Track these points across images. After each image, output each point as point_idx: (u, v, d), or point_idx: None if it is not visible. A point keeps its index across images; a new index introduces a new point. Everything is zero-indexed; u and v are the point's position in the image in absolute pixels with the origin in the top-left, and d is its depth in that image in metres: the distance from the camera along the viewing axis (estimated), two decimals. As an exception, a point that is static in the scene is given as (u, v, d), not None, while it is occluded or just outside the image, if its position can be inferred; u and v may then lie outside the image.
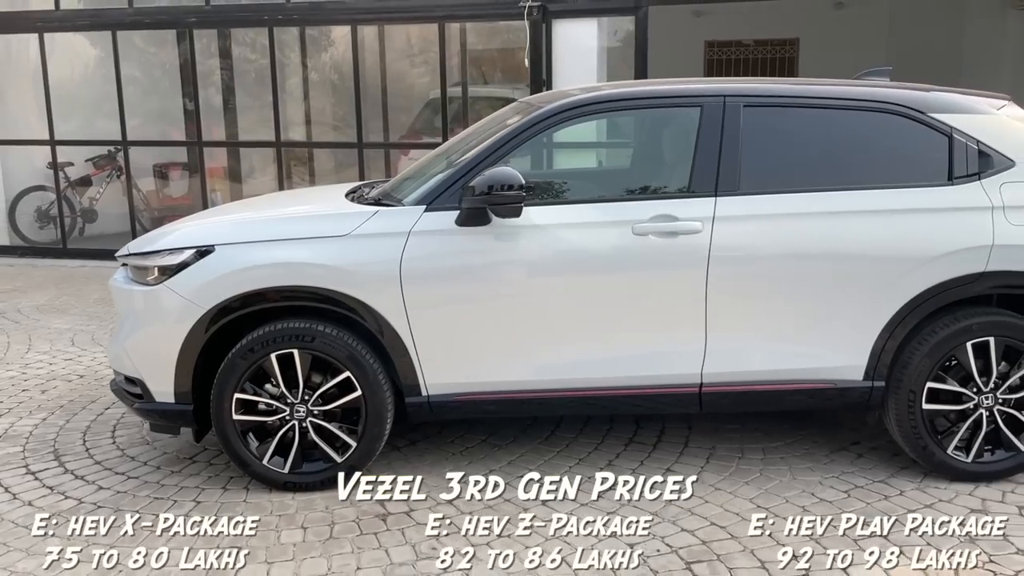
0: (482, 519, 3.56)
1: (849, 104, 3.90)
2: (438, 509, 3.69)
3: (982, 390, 3.78)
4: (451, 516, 3.62)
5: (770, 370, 3.81)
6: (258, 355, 3.73)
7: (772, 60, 13.49)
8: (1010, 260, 3.69)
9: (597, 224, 3.77)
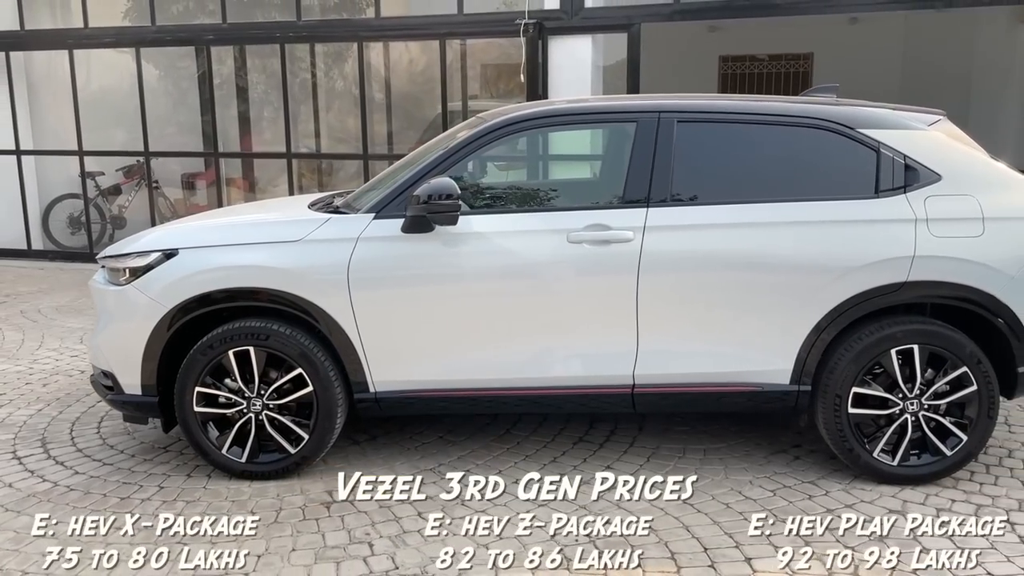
0: (418, 508, 3.80)
1: (780, 120, 4.06)
2: (382, 501, 3.92)
3: (907, 396, 3.91)
4: (390, 505, 3.86)
5: (699, 372, 3.98)
6: (217, 351, 4.00)
7: (786, 75, 13.56)
8: (931, 270, 3.82)
9: (534, 232, 3.99)
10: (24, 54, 10.21)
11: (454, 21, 8.40)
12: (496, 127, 4.09)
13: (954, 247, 3.82)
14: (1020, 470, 4.16)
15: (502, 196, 4.42)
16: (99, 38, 9.55)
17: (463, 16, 8.37)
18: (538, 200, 4.53)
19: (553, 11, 8.03)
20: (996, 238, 3.83)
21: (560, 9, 8.00)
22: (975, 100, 11.42)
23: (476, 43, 9.13)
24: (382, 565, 3.37)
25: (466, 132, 4.20)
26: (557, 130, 4.48)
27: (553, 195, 4.61)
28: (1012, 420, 4.81)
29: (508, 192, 4.52)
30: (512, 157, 4.67)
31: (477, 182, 4.35)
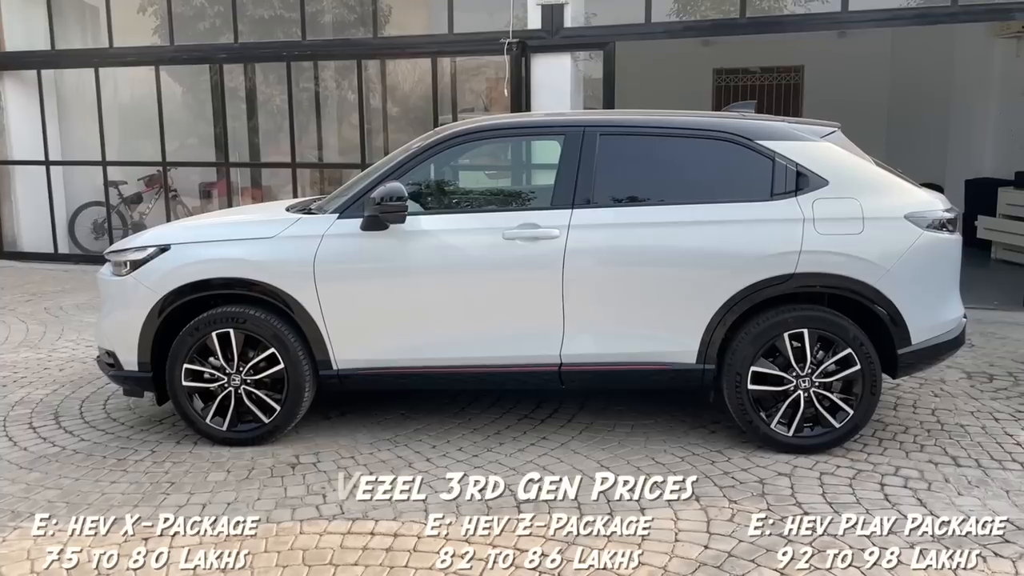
0: (371, 470, 4.41)
1: (689, 132, 4.64)
2: (341, 463, 4.53)
3: (800, 374, 4.45)
4: (348, 467, 4.47)
5: (617, 353, 4.55)
6: (202, 333, 4.64)
7: (778, 86, 14.06)
8: (815, 264, 4.37)
9: (475, 230, 4.59)
10: (55, 72, 11.02)
11: (444, 40, 9.04)
12: (444, 139, 4.71)
13: (836, 243, 4.37)
14: (909, 443, 4.68)
15: (449, 199, 5.03)
16: (123, 57, 10.32)
17: (453, 36, 9.00)
18: (480, 203, 5.13)
19: (535, 31, 8.63)
20: (874, 235, 4.38)
21: (542, 29, 8.60)
22: (954, 110, 11.86)
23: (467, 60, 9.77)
24: (330, 511, 3.97)
25: (420, 143, 4.82)
26: (497, 142, 5.08)
27: (494, 198, 5.21)
28: (920, 404, 5.33)
29: (455, 195, 5.13)
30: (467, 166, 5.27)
31: (428, 186, 4.95)
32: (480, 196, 5.17)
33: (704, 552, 3.53)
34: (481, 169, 5.42)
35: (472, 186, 5.27)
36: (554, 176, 4.63)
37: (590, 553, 3.52)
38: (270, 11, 10.50)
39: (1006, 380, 5.79)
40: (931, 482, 4.17)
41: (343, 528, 3.79)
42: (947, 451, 4.56)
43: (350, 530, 3.77)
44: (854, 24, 8.17)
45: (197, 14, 10.51)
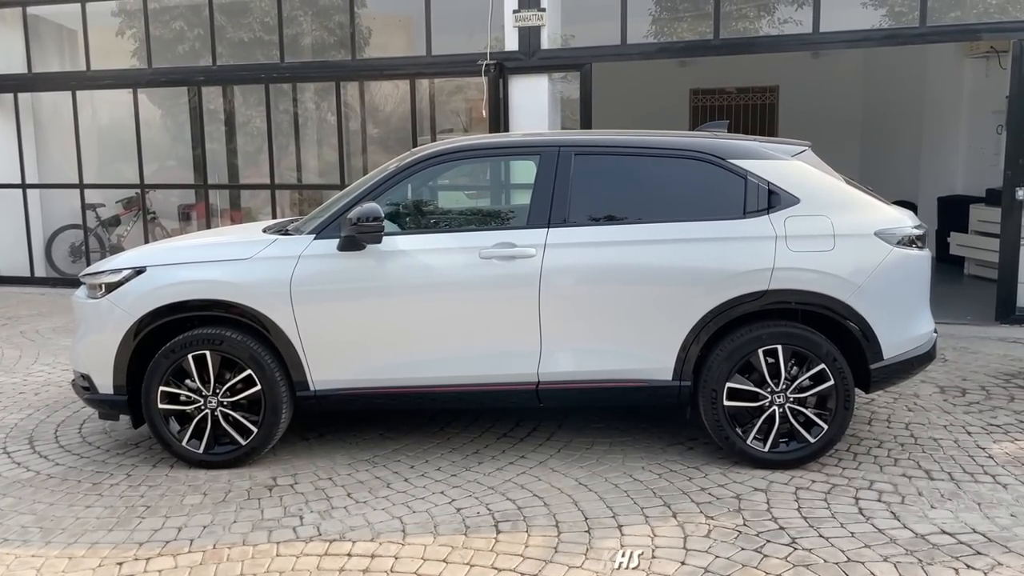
0: (348, 490, 4.41)
1: (663, 152, 4.70)
2: (319, 484, 4.51)
3: (775, 390, 4.49)
4: (324, 488, 4.45)
5: (593, 370, 4.58)
6: (178, 355, 4.62)
7: (754, 106, 14.23)
8: (788, 280, 4.43)
9: (452, 250, 4.62)
10: (32, 95, 10.98)
11: (422, 62, 9.10)
12: (420, 159, 4.74)
13: (808, 260, 4.42)
14: (884, 457, 4.72)
15: (427, 219, 5.06)
16: (100, 80, 10.30)
17: (431, 57, 9.06)
18: (457, 222, 5.16)
19: (512, 52, 8.71)
20: (845, 252, 4.44)
21: (519, 51, 8.68)
22: (927, 128, 12.04)
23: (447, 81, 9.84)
24: (307, 532, 3.96)
25: (396, 163, 4.85)
26: (473, 162, 5.12)
27: (471, 218, 5.24)
28: (894, 418, 5.38)
29: (432, 215, 5.17)
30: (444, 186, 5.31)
31: (406, 206, 4.98)
32: (457, 216, 5.21)
33: (681, 569, 3.54)
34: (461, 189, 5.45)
35: (449, 206, 5.30)
36: (530, 196, 4.66)
37: (567, 572, 3.53)
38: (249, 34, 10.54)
39: (978, 394, 5.86)
40: (904, 496, 4.21)
41: (320, 550, 3.78)
42: (920, 465, 4.60)
43: (327, 552, 3.76)
44: (825, 45, 8.30)
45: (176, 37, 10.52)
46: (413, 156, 4.80)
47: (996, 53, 10.52)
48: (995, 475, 4.45)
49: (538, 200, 4.63)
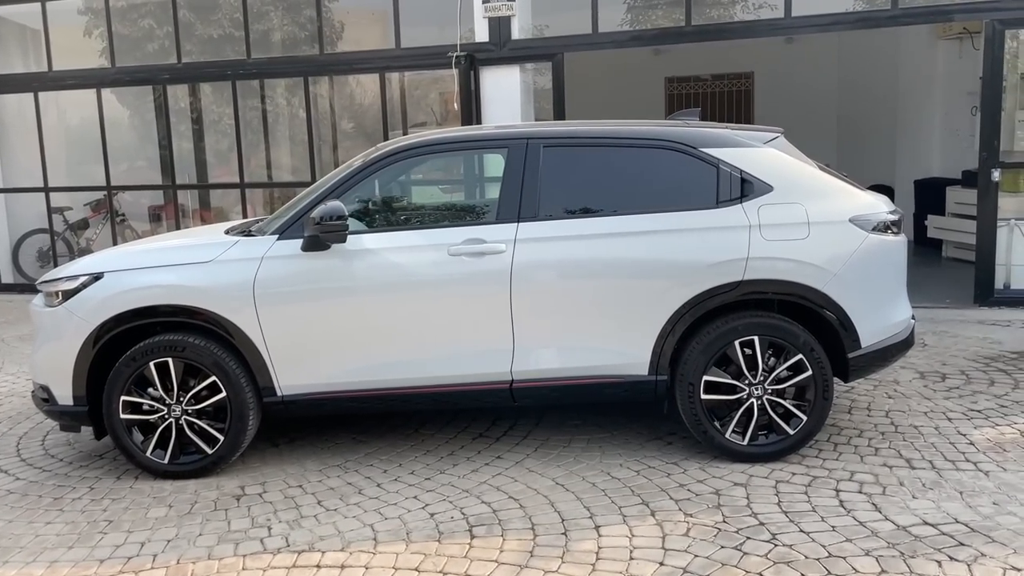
0: (319, 498, 4.28)
1: (633, 142, 4.59)
2: (288, 493, 4.39)
3: (752, 382, 4.40)
4: (294, 496, 4.33)
5: (568, 367, 4.47)
6: (139, 363, 4.48)
7: (729, 93, 14.15)
8: (762, 270, 4.34)
9: (420, 247, 4.49)
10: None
11: (391, 55, 8.95)
12: (384, 155, 4.61)
13: (782, 249, 4.33)
14: (864, 447, 4.65)
15: (394, 216, 4.93)
16: (63, 80, 10.07)
17: (400, 50, 8.91)
18: (425, 219, 5.03)
19: (483, 43, 8.57)
20: (820, 240, 4.35)
21: (489, 41, 8.54)
22: (902, 112, 12.01)
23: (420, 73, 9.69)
24: (275, 544, 3.83)
25: (361, 160, 4.71)
26: (439, 157, 4.99)
27: (439, 214, 5.11)
28: (874, 406, 5.31)
29: (399, 212, 5.04)
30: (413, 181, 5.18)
31: (371, 204, 4.84)
32: (425, 212, 5.08)
33: (659, 569, 3.45)
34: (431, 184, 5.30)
35: (417, 202, 5.16)
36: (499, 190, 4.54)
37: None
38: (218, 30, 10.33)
39: (958, 379, 5.81)
40: (886, 486, 4.14)
41: (288, 561, 3.65)
42: (901, 453, 4.53)
43: (295, 563, 3.64)
44: (798, 30, 8.22)
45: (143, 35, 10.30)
46: (377, 152, 4.67)
47: (969, 34, 10.48)
48: (976, 462, 4.39)
49: (507, 194, 4.51)
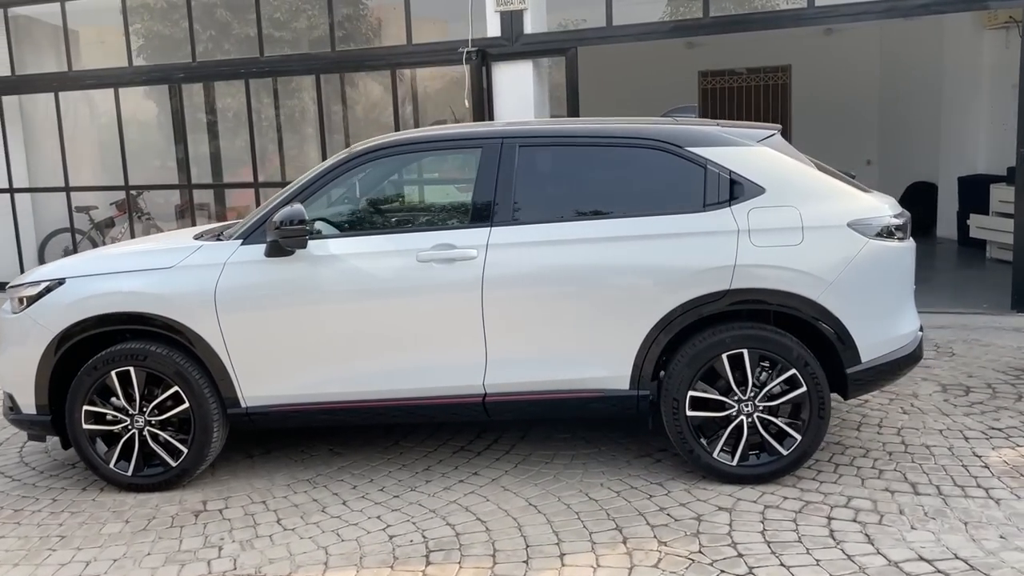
0: (279, 516, 4.09)
1: (614, 141, 4.30)
2: (250, 509, 4.20)
3: (742, 398, 4.09)
4: (254, 513, 4.14)
5: (544, 380, 4.20)
6: (101, 372, 4.33)
7: (765, 87, 13.68)
8: (751, 278, 4.01)
9: (387, 253, 4.26)
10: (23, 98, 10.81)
11: (403, 52, 8.75)
12: (352, 156, 4.39)
13: (773, 256, 4.00)
14: (867, 469, 4.30)
15: (362, 220, 4.71)
16: (81, 80, 10.08)
17: (411, 47, 8.70)
18: (394, 223, 4.79)
19: (495, 38, 8.32)
20: (814, 246, 4.01)
21: (501, 36, 8.29)
22: (946, 105, 11.43)
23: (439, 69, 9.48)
24: (223, 566, 3.64)
25: (330, 162, 4.50)
26: (410, 157, 4.75)
27: (409, 217, 4.88)
28: (886, 423, 4.94)
29: (368, 215, 4.81)
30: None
31: (339, 207, 4.63)
32: (395, 215, 4.84)
33: (619, 606, 3.18)
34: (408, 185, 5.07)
35: (386, 205, 4.93)
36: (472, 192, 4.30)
37: (490, 611, 3.18)
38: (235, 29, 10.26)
39: (983, 392, 5.39)
40: (884, 514, 3.79)
41: (230, 586, 3.46)
42: (907, 477, 4.18)
43: (236, 589, 3.44)
44: (821, 20, 7.78)
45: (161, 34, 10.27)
46: (345, 153, 4.45)
47: (1016, 23, 9.90)
48: (988, 488, 4.01)
49: (480, 196, 4.26)
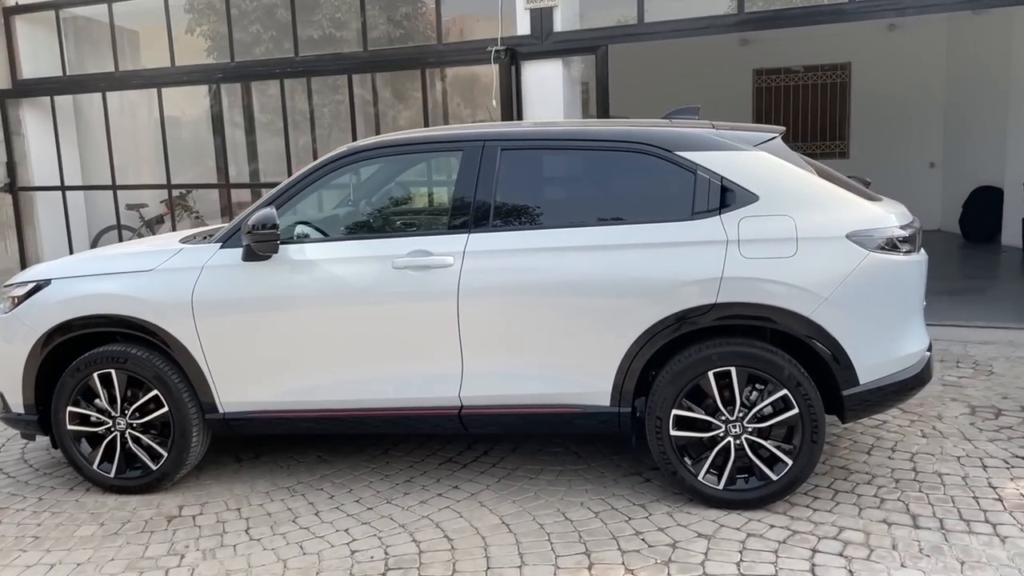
0: (250, 524, 4.02)
1: (600, 145, 4.09)
2: (223, 516, 4.14)
3: (729, 419, 3.86)
4: (225, 521, 4.08)
5: (522, 394, 4.03)
6: (83, 374, 4.33)
7: (823, 86, 13.18)
8: (738, 292, 3.77)
9: (363, 259, 4.14)
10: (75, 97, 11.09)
11: (432, 51, 8.66)
12: (329, 160, 4.29)
13: (763, 268, 3.76)
14: (868, 497, 4.01)
15: (341, 224, 4.61)
16: (128, 80, 10.28)
17: (442, 46, 8.60)
18: (374, 228, 4.67)
19: (525, 36, 8.15)
20: (808, 258, 3.75)
21: (531, 34, 8.12)
22: (1014, 106, 10.81)
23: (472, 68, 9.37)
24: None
25: (311, 164, 4.41)
26: (392, 160, 4.60)
27: (388, 222, 4.75)
28: (901, 446, 4.63)
29: (347, 220, 4.70)
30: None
31: (319, 211, 4.55)
32: (374, 220, 4.72)
33: (568, 639, 3.00)
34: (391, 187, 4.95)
35: (365, 209, 4.81)
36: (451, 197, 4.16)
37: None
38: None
39: (1015, 416, 5.01)
40: (874, 548, 3.52)
41: (179, 598, 3.40)
42: (909, 508, 3.88)
43: (185, 601, 3.38)
44: (863, 15, 7.35)
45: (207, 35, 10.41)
46: (323, 157, 4.35)
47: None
48: (996, 524, 3.70)
49: (459, 201, 4.11)
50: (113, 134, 10.35)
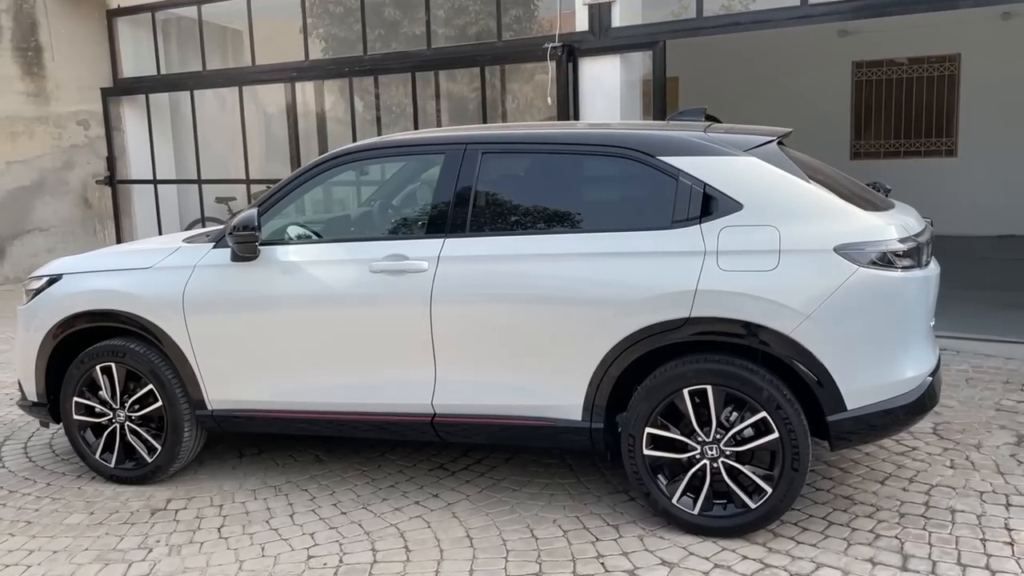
0: (226, 522, 4.07)
1: (582, 148, 3.92)
2: (204, 512, 4.20)
3: (705, 440, 3.63)
4: (203, 517, 4.14)
5: (494, 404, 3.91)
6: (87, 367, 4.48)
7: (929, 79, 12.34)
8: (713, 306, 3.52)
9: (343, 262, 4.11)
10: (170, 94, 11.63)
11: (489, 49, 8.58)
12: (317, 163, 4.28)
13: (740, 281, 3.50)
14: (863, 532, 3.70)
15: (320, 227, 4.60)
16: (212, 79, 10.67)
17: (502, 44, 8.52)
18: (354, 231, 4.62)
19: (582, 33, 7.97)
20: (791, 272, 3.47)
21: (588, 30, 7.93)
22: None
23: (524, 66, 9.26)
24: (139, 570, 3.64)
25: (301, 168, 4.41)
26: (374, 163, 4.54)
27: (368, 226, 4.68)
28: (920, 478, 4.24)
29: (327, 222, 4.68)
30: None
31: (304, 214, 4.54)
32: (356, 223, 4.67)
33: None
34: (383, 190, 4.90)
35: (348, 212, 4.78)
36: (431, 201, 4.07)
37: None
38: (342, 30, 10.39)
39: (1064, 449, 4.53)
40: (846, 592, 3.23)
41: (129, 594, 3.46)
42: (904, 547, 3.55)
43: (133, 597, 3.43)
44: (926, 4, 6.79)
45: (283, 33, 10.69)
46: (311, 161, 4.35)
47: None
48: (996, 571, 3.33)
49: (437, 205, 4.02)
50: (209, 130, 10.80)
